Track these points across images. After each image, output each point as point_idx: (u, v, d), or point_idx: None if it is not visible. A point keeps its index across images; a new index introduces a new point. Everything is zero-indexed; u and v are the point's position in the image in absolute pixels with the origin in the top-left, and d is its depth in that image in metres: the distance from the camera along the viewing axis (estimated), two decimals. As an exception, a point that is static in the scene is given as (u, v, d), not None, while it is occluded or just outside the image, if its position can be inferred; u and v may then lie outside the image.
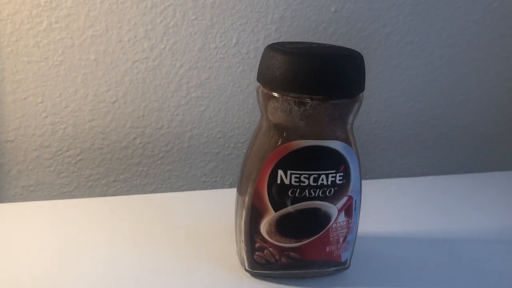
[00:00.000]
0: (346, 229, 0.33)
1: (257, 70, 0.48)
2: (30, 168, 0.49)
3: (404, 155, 0.61)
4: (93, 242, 0.38)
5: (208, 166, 0.54)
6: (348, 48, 0.32)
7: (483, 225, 0.45)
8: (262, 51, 0.50)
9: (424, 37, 0.56)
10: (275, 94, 0.30)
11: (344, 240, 0.33)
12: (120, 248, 0.37)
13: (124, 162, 0.51)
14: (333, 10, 0.52)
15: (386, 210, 0.46)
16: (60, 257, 0.35)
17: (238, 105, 0.52)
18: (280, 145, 0.31)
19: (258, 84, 0.32)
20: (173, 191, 0.54)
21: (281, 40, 0.51)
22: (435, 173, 0.62)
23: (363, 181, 0.33)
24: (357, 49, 0.53)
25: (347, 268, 0.35)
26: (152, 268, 0.35)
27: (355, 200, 0.33)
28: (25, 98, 0.46)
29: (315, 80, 0.29)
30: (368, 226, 0.39)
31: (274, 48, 0.30)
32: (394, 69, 0.56)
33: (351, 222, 0.33)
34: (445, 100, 0.59)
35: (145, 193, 0.53)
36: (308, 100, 0.29)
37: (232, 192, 0.38)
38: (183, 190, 0.54)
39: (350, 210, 0.33)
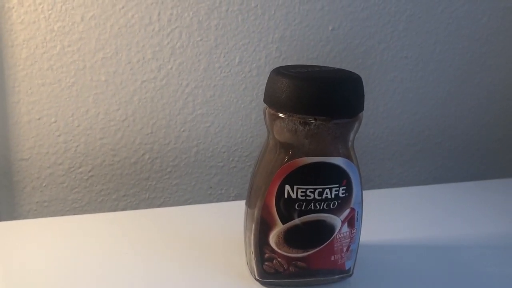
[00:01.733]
0: (349, 239, 0.35)
1: (259, 87, 0.51)
2: (44, 184, 0.51)
3: (402, 164, 0.63)
4: (105, 255, 0.39)
5: (213, 179, 0.56)
6: (348, 71, 0.34)
7: (482, 232, 0.47)
8: (264, 69, 0.53)
9: (418, 52, 0.58)
10: (281, 115, 0.33)
11: (347, 249, 0.35)
12: (131, 259, 0.39)
13: (134, 177, 0.53)
14: (330, 28, 0.54)
15: (386, 219, 0.48)
16: (73, 271, 0.37)
17: (242, 120, 0.55)
18: (286, 162, 0.33)
19: (265, 105, 0.34)
20: (180, 204, 0.56)
21: (281, 58, 0.53)
22: (432, 181, 0.64)
23: (363, 192, 0.36)
24: (354, 65, 0.56)
25: (350, 275, 0.37)
26: (163, 281, 0.36)
27: (357, 212, 0.35)
28: (39, 119, 0.49)
29: (318, 102, 0.31)
30: (370, 234, 0.41)
31: (279, 73, 0.33)
32: (390, 82, 0.59)
33: (353, 232, 0.35)
34: (440, 111, 0.62)
35: (153, 206, 0.55)
36: (312, 121, 0.32)
37: (238, 205, 0.40)
38: (190, 203, 0.56)
39: (352, 221, 0.35)
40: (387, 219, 0.48)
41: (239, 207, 0.39)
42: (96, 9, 0.47)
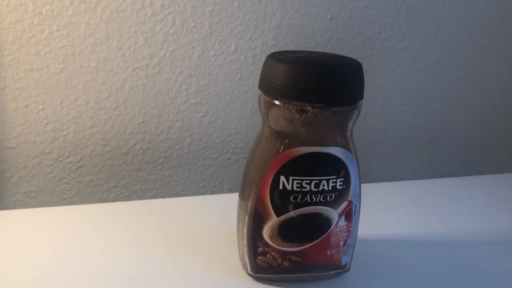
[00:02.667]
0: (346, 233, 0.34)
1: (255, 76, 0.49)
2: (31, 174, 0.49)
3: (400, 158, 0.62)
4: (94, 248, 0.38)
5: (207, 171, 0.55)
6: (347, 57, 0.33)
7: (480, 227, 0.46)
8: (260, 57, 0.51)
9: (419, 43, 0.57)
10: (277, 102, 0.31)
11: (344, 244, 0.34)
12: (122, 253, 0.38)
13: (124, 168, 0.52)
14: (329, 17, 0.52)
15: (384, 213, 0.47)
16: (61, 263, 0.36)
17: (237, 110, 0.53)
18: (282, 151, 0.31)
19: (260, 92, 0.33)
20: (172, 196, 0.54)
21: (278, 47, 0.52)
22: (431, 175, 0.63)
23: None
24: (353, 55, 0.55)
25: (347, 271, 0.36)
26: (154, 274, 0.35)
27: (355, 205, 0.33)
28: (26, 106, 0.47)
29: (316, 88, 0.30)
30: (367, 229, 0.40)
31: (275, 58, 0.31)
32: (389, 74, 0.57)
33: (351, 226, 0.34)
34: (440, 104, 0.61)
35: (145, 198, 0.53)
36: (309, 108, 0.30)
37: (232, 197, 0.39)
38: (182, 195, 0.55)
39: (350, 215, 0.33)
40: (385, 213, 0.47)
41: (233, 199, 0.38)
42: (86, -8, 0.45)
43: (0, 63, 0.45)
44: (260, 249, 0.33)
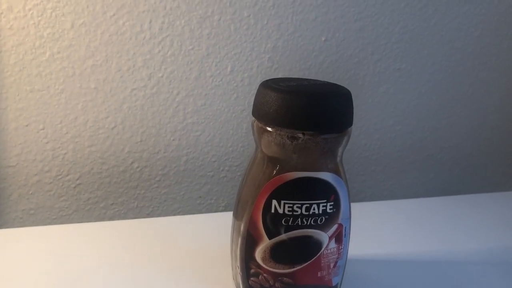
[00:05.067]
0: (337, 255, 0.35)
1: (250, 97, 0.51)
2: (30, 192, 0.50)
3: (393, 176, 0.63)
4: (91, 267, 0.39)
5: (203, 188, 0.56)
6: (337, 85, 0.34)
7: (472, 246, 0.47)
8: (256, 78, 0.53)
9: (411, 64, 0.58)
10: (269, 129, 0.32)
11: (334, 266, 0.35)
12: (118, 272, 0.38)
13: (122, 185, 0.53)
14: (323, 39, 0.54)
15: (376, 233, 0.48)
16: (59, 282, 0.37)
17: (233, 130, 0.54)
18: (274, 176, 0.32)
19: (253, 118, 0.34)
20: (169, 213, 0.55)
21: (273, 68, 0.53)
22: (423, 193, 0.64)
23: (353, 204, 0.35)
24: (347, 76, 0.56)
25: (337, 291, 0.37)
26: (152, 293, 0.36)
27: (345, 228, 0.34)
28: (27, 125, 0.48)
29: (307, 116, 0.31)
30: (359, 248, 0.41)
31: (268, 86, 0.32)
32: (382, 94, 0.58)
33: (341, 248, 0.35)
34: (432, 123, 0.62)
35: (142, 215, 0.54)
36: (300, 135, 0.31)
37: (227, 216, 0.40)
38: (179, 212, 0.56)
39: (340, 237, 0.34)
40: (377, 233, 0.48)
41: (228, 218, 0.39)
42: (86, 16, 0.46)
43: (2, 84, 0.46)
44: (252, 270, 0.34)
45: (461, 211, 0.55)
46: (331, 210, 0.33)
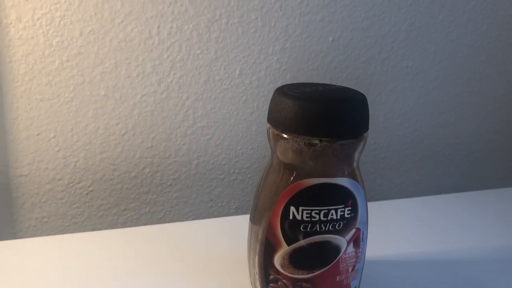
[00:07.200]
0: (355, 259, 0.35)
1: (259, 99, 0.51)
2: (43, 200, 0.50)
3: (402, 174, 0.63)
4: (105, 275, 0.39)
5: (214, 191, 0.56)
6: (352, 89, 0.34)
7: (487, 244, 0.47)
8: (264, 80, 0.53)
9: (418, 61, 0.58)
10: (285, 136, 0.32)
11: (353, 269, 0.35)
12: (132, 279, 0.39)
13: (134, 191, 0.53)
14: (331, 39, 0.54)
15: (388, 232, 0.48)
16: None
17: (242, 132, 0.54)
18: (291, 183, 0.33)
19: (269, 125, 0.34)
20: (181, 217, 0.55)
21: (282, 69, 0.53)
22: (432, 190, 0.64)
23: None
24: (355, 75, 0.56)
25: (355, 294, 0.37)
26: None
27: (362, 231, 0.35)
28: (38, 134, 0.48)
29: (323, 123, 0.31)
30: (372, 249, 0.41)
31: (283, 93, 0.32)
32: (390, 92, 0.58)
33: (359, 252, 0.35)
34: (440, 120, 0.62)
35: (154, 220, 0.55)
36: (317, 142, 0.31)
37: (239, 219, 0.40)
38: (190, 216, 0.56)
39: (358, 241, 0.35)
40: (389, 232, 0.48)
41: (241, 222, 0.39)
42: (95, 23, 0.46)
43: (13, 94, 0.46)
44: (271, 276, 0.34)
45: (473, 207, 0.55)
46: (349, 215, 0.33)
